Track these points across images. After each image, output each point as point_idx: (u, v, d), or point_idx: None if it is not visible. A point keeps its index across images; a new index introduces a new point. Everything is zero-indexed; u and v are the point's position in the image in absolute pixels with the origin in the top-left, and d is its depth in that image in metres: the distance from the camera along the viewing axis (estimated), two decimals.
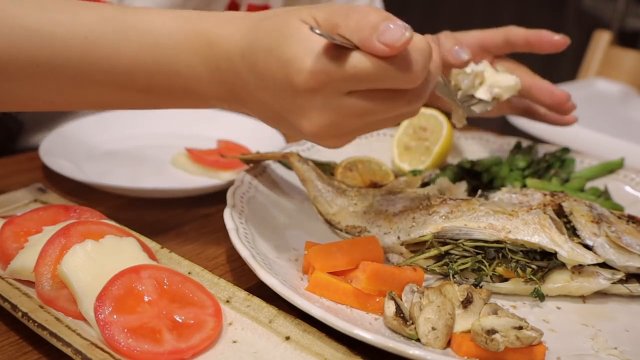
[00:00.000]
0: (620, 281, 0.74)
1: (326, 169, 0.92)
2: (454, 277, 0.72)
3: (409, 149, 1.02)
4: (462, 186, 0.93)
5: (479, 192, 0.87)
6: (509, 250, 0.73)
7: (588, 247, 0.74)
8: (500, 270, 0.73)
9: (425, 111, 1.04)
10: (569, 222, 0.76)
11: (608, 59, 2.15)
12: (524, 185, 0.96)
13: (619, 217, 0.78)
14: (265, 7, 1.37)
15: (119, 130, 1.15)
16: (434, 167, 0.99)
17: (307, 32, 0.58)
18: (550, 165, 1.01)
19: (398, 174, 0.98)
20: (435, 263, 0.74)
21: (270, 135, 1.12)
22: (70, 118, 1.23)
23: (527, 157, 1.02)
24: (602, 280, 0.73)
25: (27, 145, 1.28)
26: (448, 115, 1.04)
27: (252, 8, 1.35)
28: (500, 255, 0.73)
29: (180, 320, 0.62)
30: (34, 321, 0.60)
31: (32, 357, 0.62)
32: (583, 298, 0.74)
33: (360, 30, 0.56)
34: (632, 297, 0.75)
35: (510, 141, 1.09)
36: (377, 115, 0.61)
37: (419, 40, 0.58)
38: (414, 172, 0.98)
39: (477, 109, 0.81)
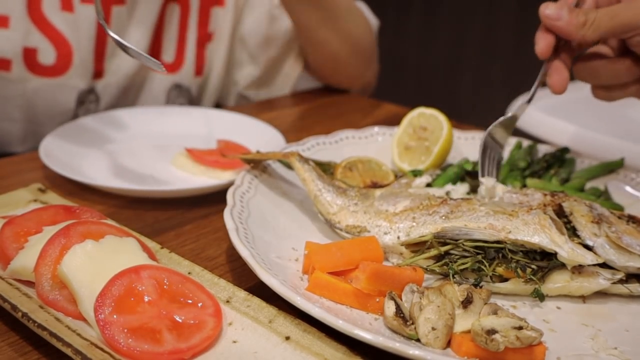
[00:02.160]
0: (620, 281, 0.74)
1: (326, 169, 0.92)
2: (454, 277, 0.72)
3: (409, 149, 1.02)
4: (462, 187, 0.93)
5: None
6: (509, 250, 0.73)
7: (588, 248, 0.73)
8: (500, 270, 0.73)
9: (426, 111, 1.04)
10: (569, 222, 0.76)
11: None
12: (524, 185, 0.96)
13: (619, 217, 0.78)
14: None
15: (119, 130, 1.15)
16: (434, 167, 0.99)
17: None
18: (551, 165, 1.01)
19: (398, 174, 0.98)
20: (435, 263, 0.74)
21: (271, 135, 1.12)
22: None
23: (528, 157, 1.02)
24: (602, 281, 0.73)
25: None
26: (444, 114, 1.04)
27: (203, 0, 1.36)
28: (500, 255, 0.73)
29: (180, 321, 0.62)
30: (34, 321, 0.60)
31: (32, 357, 0.62)
32: (583, 298, 0.74)
33: None
34: (632, 297, 0.75)
35: (511, 141, 1.09)
36: None
37: None
38: (415, 172, 0.98)
39: None
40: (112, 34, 0.82)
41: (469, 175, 0.98)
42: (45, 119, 1.27)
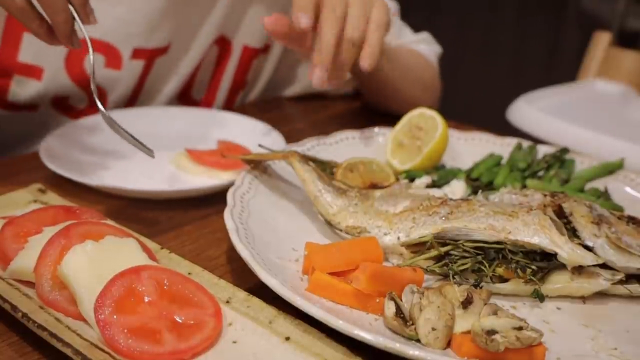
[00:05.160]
0: (620, 282, 0.74)
1: (326, 168, 0.92)
2: (454, 278, 0.72)
3: (401, 146, 1.02)
4: (462, 186, 0.93)
5: (479, 192, 0.87)
6: (509, 251, 0.73)
7: (588, 248, 0.73)
8: (500, 270, 0.73)
9: (427, 112, 1.04)
10: (569, 222, 0.76)
11: (608, 59, 2.15)
12: (524, 186, 0.96)
13: (619, 218, 0.78)
14: (260, 50, 1.35)
15: None
16: (423, 168, 0.99)
17: None
18: (550, 166, 1.01)
19: (399, 176, 0.98)
20: (435, 264, 0.74)
21: (271, 136, 1.12)
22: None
23: (528, 158, 1.02)
24: (602, 281, 0.73)
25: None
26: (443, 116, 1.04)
27: (247, 50, 1.33)
28: (500, 256, 0.73)
29: (180, 321, 0.62)
30: (34, 322, 0.60)
31: (32, 357, 0.62)
32: (583, 299, 0.74)
33: None
34: (632, 297, 0.75)
35: (511, 141, 1.09)
36: None
37: None
38: (408, 174, 0.98)
39: None
40: (107, 114, 0.85)
41: (468, 176, 0.98)
42: None
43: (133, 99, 1.26)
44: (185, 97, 1.33)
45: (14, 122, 1.20)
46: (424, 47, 1.46)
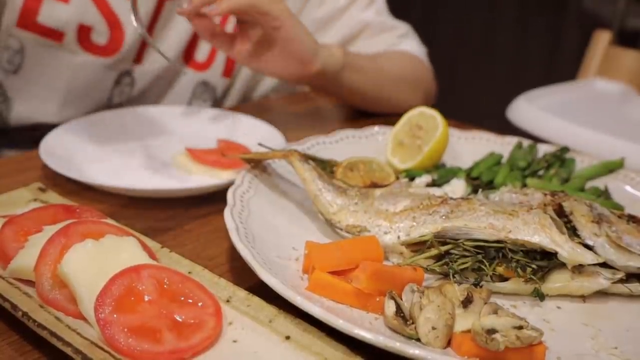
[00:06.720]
0: (621, 281, 0.74)
1: (326, 166, 0.92)
2: (454, 277, 0.72)
3: (402, 145, 1.02)
4: (462, 185, 0.93)
5: (479, 191, 0.87)
6: (509, 250, 0.73)
7: (588, 247, 0.73)
8: (500, 269, 0.73)
9: (426, 111, 1.04)
10: (569, 221, 0.76)
11: (608, 59, 2.15)
12: (524, 185, 0.96)
13: (620, 217, 0.78)
14: None
15: (119, 130, 1.15)
16: (423, 167, 0.99)
17: None
18: (551, 165, 1.01)
19: (400, 175, 0.98)
20: (435, 263, 0.74)
21: (271, 135, 1.12)
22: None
23: (528, 157, 1.02)
24: (603, 280, 0.73)
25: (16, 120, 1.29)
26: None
27: None
28: (500, 255, 0.73)
29: (180, 320, 0.62)
30: (34, 321, 0.60)
31: (32, 356, 0.62)
32: (583, 298, 0.74)
33: None
34: (632, 296, 0.75)
35: (511, 141, 1.09)
36: None
37: None
38: (409, 174, 0.98)
39: None
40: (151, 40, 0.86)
41: (468, 175, 0.98)
42: (83, 93, 1.28)
43: (142, 49, 1.30)
44: (189, 57, 1.37)
45: (41, 55, 1.23)
46: (411, 43, 1.45)
